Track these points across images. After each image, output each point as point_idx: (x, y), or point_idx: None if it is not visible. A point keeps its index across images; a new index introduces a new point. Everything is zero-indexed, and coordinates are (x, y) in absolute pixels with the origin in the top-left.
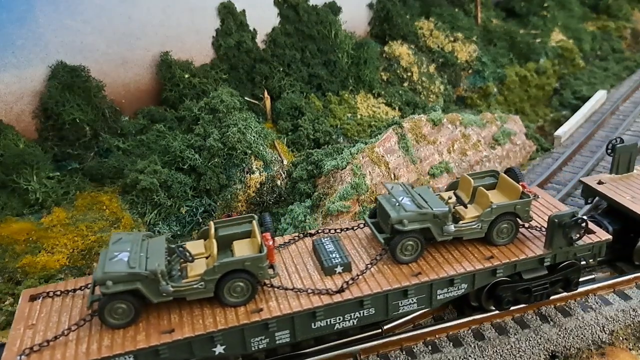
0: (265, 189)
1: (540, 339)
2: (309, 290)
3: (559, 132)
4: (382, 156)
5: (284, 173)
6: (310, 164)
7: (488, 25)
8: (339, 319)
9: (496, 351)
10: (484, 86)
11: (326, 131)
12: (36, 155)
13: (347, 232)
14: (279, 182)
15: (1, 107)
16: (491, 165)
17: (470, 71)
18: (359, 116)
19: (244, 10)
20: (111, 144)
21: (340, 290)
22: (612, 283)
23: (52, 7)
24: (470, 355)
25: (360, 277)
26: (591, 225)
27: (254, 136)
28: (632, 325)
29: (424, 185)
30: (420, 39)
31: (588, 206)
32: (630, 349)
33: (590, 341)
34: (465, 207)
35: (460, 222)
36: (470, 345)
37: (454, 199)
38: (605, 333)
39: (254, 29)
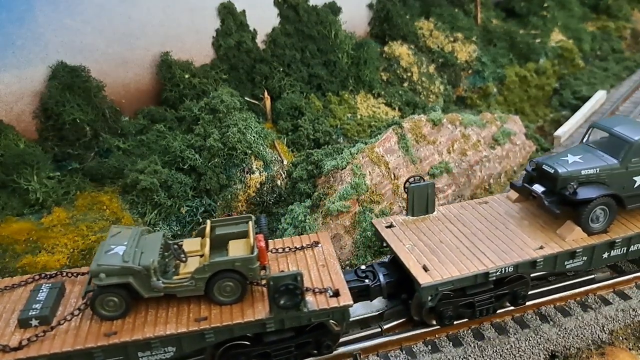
0: (265, 189)
1: (540, 338)
2: None
3: (559, 132)
4: (382, 156)
5: (284, 173)
6: (310, 164)
7: (488, 26)
8: None
9: (496, 351)
10: (484, 86)
11: (326, 131)
12: (36, 155)
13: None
14: (279, 182)
15: (1, 107)
16: (491, 166)
17: (470, 71)
18: (359, 116)
19: (244, 11)
20: (111, 144)
21: (18, 348)
22: (612, 283)
23: (52, 6)
24: (470, 355)
25: (46, 333)
26: (339, 283)
27: (254, 136)
28: (631, 325)
29: (160, 231)
30: (420, 39)
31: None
32: (630, 349)
33: (590, 341)
34: (183, 261)
35: (175, 277)
36: (470, 345)
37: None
38: (605, 333)
39: (254, 29)
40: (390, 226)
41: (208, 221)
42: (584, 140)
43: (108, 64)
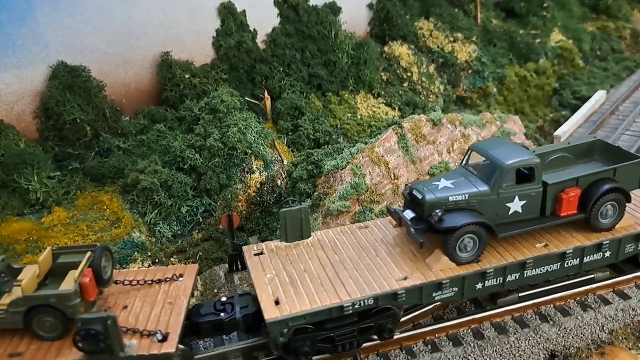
0: (265, 188)
1: (539, 338)
2: None
3: (559, 132)
4: (382, 156)
5: (284, 173)
6: (310, 163)
7: (488, 26)
8: None
9: (496, 350)
10: (484, 86)
11: (326, 131)
12: (37, 155)
13: None
14: (279, 182)
15: (2, 107)
16: None
17: (469, 71)
18: (358, 116)
19: (244, 11)
20: (112, 144)
21: None
22: (612, 282)
23: (52, 6)
24: (470, 355)
25: None
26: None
27: (254, 136)
28: (631, 324)
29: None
30: (420, 39)
31: None
32: (629, 348)
33: (589, 340)
34: (6, 290)
35: None
36: (470, 345)
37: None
38: (605, 332)
39: (254, 29)
40: (260, 253)
41: (49, 248)
42: (463, 163)
43: (108, 64)
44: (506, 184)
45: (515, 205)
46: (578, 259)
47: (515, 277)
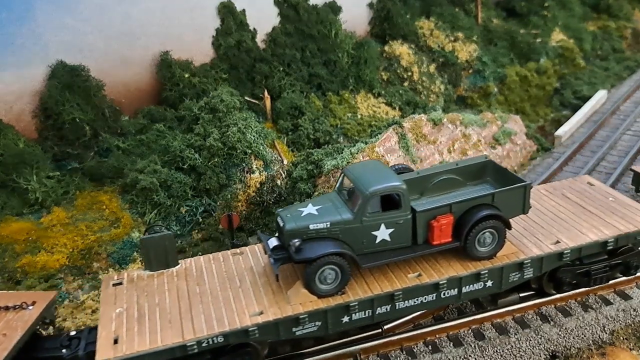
0: (265, 188)
1: (540, 338)
2: None
3: (560, 131)
4: (383, 156)
5: (284, 173)
6: (310, 163)
7: (488, 25)
8: None
9: (496, 351)
10: (485, 86)
11: (326, 131)
12: (36, 154)
13: None
14: (279, 182)
15: (1, 106)
16: None
17: (470, 71)
18: (359, 116)
19: (244, 10)
20: (111, 144)
21: None
22: (613, 283)
23: (52, 6)
24: (470, 355)
25: None
26: None
27: (254, 136)
28: (632, 325)
29: None
30: (420, 39)
31: None
32: (630, 349)
33: (590, 341)
34: None
35: None
36: (471, 345)
37: None
38: (606, 333)
39: (254, 29)
40: (118, 284)
41: None
42: (336, 187)
43: (108, 63)
44: (370, 212)
45: (382, 234)
46: (456, 289)
47: (386, 309)
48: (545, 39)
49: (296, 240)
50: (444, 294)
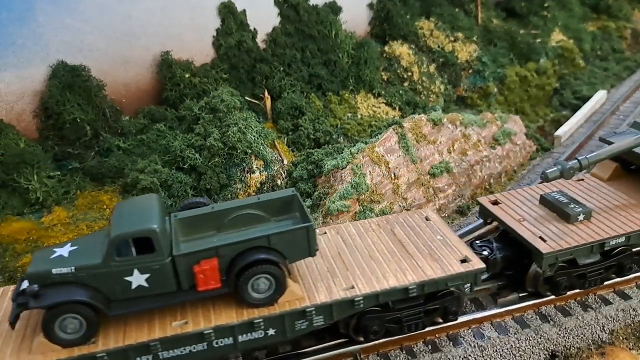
0: (265, 188)
1: (540, 338)
2: None
3: (559, 132)
4: (383, 156)
5: (284, 173)
6: (310, 163)
7: (488, 25)
8: None
9: (496, 350)
10: (484, 86)
11: (326, 131)
12: (37, 154)
13: None
14: (279, 182)
15: (2, 106)
16: (492, 165)
17: (470, 71)
18: (359, 116)
19: (244, 10)
20: (112, 144)
21: None
22: (612, 283)
23: (52, 6)
24: (470, 355)
25: None
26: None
27: (254, 136)
28: (632, 324)
29: None
30: (420, 39)
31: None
32: (630, 349)
33: (590, 341)
34: None
35: None
36: (470, 345)
37: None
38: (605, 332)
39: (255, 29)
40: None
41: None
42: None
43: (108, 63)
44: (120, 256)
45: (138, 279)
46: (231, 338)
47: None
48: (545, 39)
49: (35, 285)
50: (217, 343)
